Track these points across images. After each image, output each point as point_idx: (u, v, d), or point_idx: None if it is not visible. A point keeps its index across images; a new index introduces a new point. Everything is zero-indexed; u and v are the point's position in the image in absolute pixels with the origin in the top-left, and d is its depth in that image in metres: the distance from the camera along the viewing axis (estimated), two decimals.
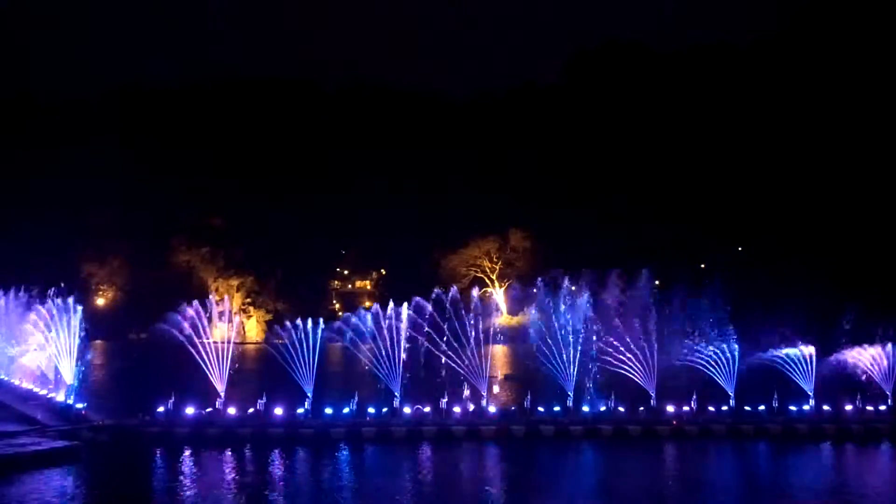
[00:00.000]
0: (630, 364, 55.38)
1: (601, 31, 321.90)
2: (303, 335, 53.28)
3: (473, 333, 56.13)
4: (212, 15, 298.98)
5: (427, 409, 51.74)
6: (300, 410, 50.85)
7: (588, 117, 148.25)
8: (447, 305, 57.17)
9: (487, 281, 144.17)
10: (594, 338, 56.58)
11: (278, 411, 50.15)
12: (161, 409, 50.00)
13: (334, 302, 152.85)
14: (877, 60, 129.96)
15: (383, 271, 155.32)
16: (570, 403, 53.42)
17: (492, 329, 59.68)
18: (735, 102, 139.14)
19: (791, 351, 56.94)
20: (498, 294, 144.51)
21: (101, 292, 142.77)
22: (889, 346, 56.88)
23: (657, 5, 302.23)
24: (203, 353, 52.55)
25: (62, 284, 60.29)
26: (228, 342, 55.20)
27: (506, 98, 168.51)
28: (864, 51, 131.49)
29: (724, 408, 53.62)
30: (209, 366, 52.34)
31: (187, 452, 45.21)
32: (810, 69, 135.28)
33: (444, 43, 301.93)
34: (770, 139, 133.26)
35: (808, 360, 56.09)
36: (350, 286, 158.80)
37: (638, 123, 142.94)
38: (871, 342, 58.37)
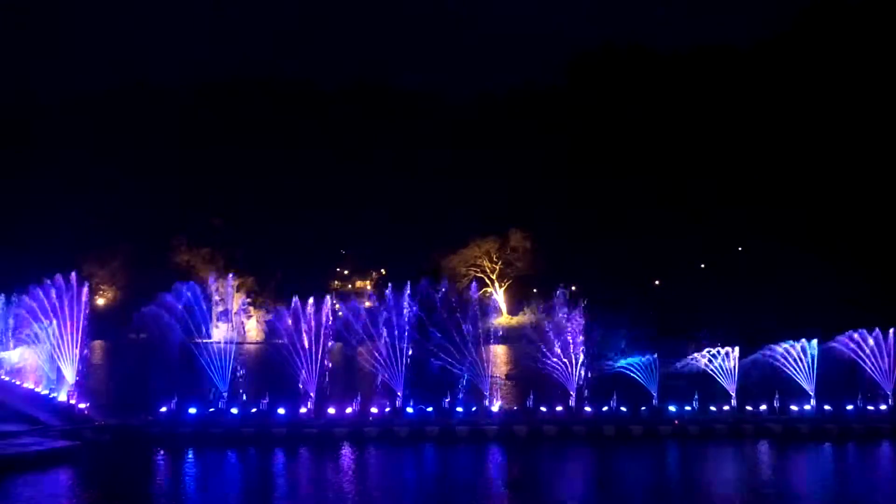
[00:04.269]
0: None
1: (602, 32, 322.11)
2: None
3: None
4: (212, 14, 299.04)
5: (430, 409, 51.79)
6: (303, 410, 50.92)
7: (589, 118, 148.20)
8: None
9: (487, 281, 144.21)
10: None
11: (281, 411, 50.18)
12: (164, 409, 49.97)
13: (334, 302, 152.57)
14: (878, 61, 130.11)
15: (383, 271, 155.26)
16: (572, 403, 53.56)
17: None
18: (736, 103, 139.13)
19: None
20: (498, 294, 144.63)
21: (101, 292, 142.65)
22: None
23: (658, 6, 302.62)
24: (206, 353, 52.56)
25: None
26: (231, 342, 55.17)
27: (506, 98, 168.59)
28: (865, 52, 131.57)
29: (726, 407, 53.71)
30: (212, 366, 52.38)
31: (190, 452, 45.26)
32: (812, 70, 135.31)
33: (444, 43, 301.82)
34: (772, 140, 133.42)
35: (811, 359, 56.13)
36: (350, 286, 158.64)
37: (639, 124, 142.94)
38: None
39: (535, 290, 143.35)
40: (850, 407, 53.79)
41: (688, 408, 52.98)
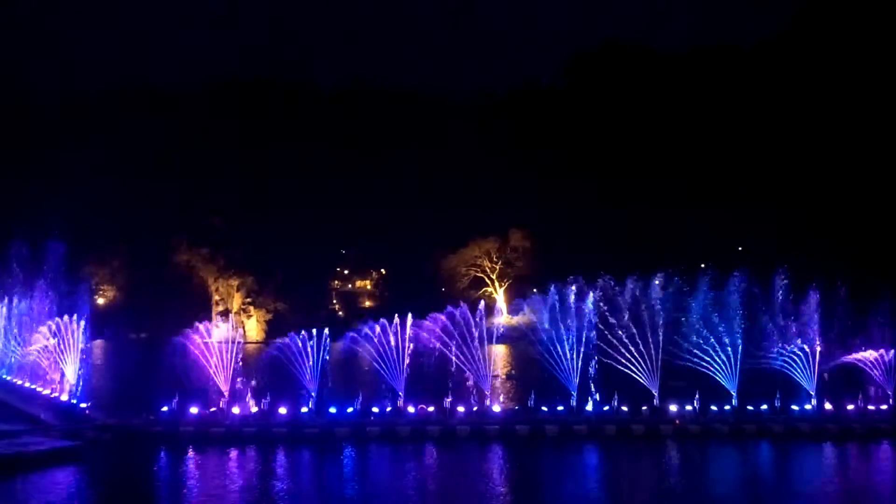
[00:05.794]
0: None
1: (602, 32, 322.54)
2: None
3: None
4: (211, 15, 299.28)
5: (431, 409, 51.79)
6: (304, 410, 50.93)
7: (589, 117, 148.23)
8: None
9: (487, 281, 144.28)
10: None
11: (282, 410, 50.21)
12: (165, 408, 49.98)
13: (334, 302, 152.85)
14: (879, 60, 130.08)
15: (383, 271, 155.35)
16: (573, 403, 53.59)
17: None
18: (737, 103, 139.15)
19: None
20: (498, 294, 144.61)
21: (101, 292, 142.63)
22: None
23: (658, 5, 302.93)
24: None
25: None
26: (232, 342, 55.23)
27: (506, 98, 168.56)
28: (866, 51, 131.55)
29: (727, 407, 53.70)
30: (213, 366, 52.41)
31: (191, 452, 45.26)
32: (813, 70, 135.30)
33: (444, 43, 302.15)
34: (773, 140, 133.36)
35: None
36: (350, 286, 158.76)
37: (639, 124, 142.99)
38: None
39: (535, 290, 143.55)
40: (850, 407, 53.84)
41: (689, 407, 52.94)
